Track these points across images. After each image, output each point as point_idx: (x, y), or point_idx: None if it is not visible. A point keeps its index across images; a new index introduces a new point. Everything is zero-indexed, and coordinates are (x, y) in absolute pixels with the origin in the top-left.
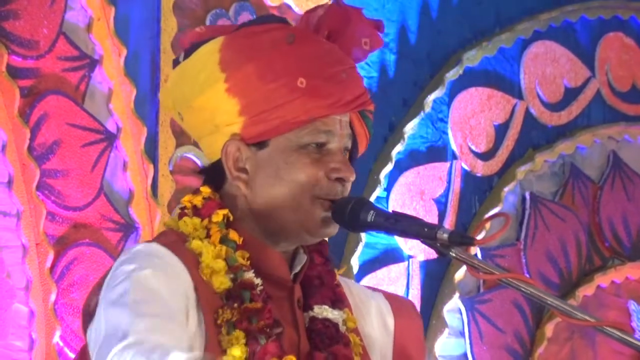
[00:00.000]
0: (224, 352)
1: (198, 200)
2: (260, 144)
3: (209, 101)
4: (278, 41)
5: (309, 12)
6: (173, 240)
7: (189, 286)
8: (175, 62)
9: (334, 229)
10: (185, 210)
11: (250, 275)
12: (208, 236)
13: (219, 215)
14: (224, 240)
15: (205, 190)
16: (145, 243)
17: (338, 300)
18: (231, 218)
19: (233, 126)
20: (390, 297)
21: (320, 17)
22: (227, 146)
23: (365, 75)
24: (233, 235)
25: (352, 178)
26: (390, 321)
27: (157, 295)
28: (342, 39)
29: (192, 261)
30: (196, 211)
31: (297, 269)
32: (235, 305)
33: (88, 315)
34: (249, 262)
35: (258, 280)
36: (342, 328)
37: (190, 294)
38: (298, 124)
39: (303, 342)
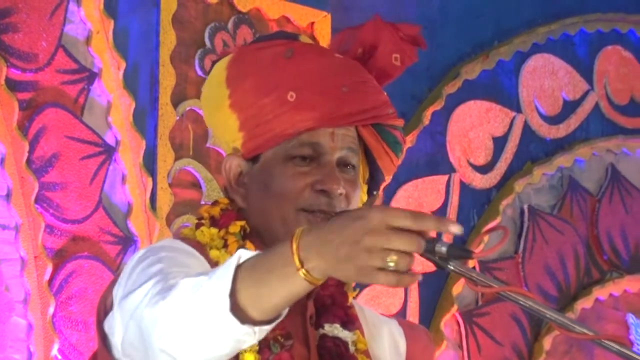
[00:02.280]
0: (237, 358)
1: (216, 211)
2: (255, 159)
3: (220, 118)
4: (276, 56)
5: (346, 31)
6: (193, 244)
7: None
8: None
9: None
10: (203, 221)
11: None
12: (225, 246)
13: (236, 226)
14: None
15: (224, 201)
16: (168, 238)
17: (349, 322)
18: (248, 230)
19: (235, 142)
20: (403, 323)
21: (355, 34)
22: (226, 162)
23: None
24: (250, 246)
25: (339, 190)
26: (403, 345)
27: (178, 259)
28: (374, 56)
29: (212, 265)
30: (214, 222)
31: None
32: None
33: (104, 310)
34: None
35: None
36: (352, 348)
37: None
38: (285, 137)
39: (313, 359)
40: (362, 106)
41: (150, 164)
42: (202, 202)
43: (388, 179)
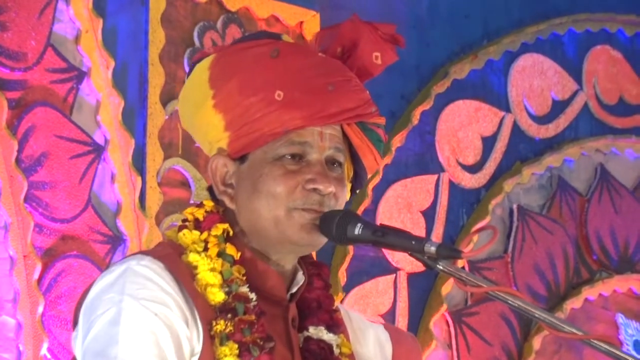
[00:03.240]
0: None
1: (200, 214)
2: (242, 158)
3: (202, 118)
4: (262, 56)
5: (324, 31)
6: (168, 253)
7: (181, 301)
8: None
9: (317, 236)
10: (187, 223)
11: (244, 289)
12: (206, 249)
13: (218, 229)
14: (221, 254)
15: (209, 203)
16: (139, 256)
17: (334, 325)
18: (231, 233)
19: (221, 142)
20: (390, 328)
21: (333, 34)
22: (212, 162)
23: None
24: (230, 249)
25: (330, 189)
26: (389, 349)
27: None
28: (354, 55)
29: (187, 274)
30: (197, 224)
31: (294, 289)
32: (229, 316)
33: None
34: (244, 278)
35: (252, 295)
36: (336, 351)
37: (184, 307)
38: (273, 136)
39: None
40: (348, 104)
41: (139, 163)
42: (191, 201)
43: (370, 177)
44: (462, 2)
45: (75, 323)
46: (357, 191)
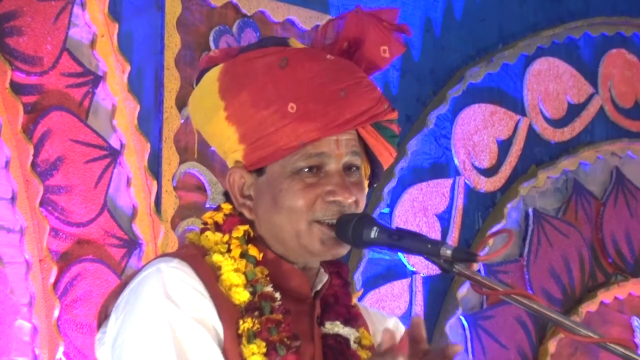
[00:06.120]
0: None
1: (219, 217)
2: (259, 171)
3: (215, 128)
4: (271, 66)
5: (328, 24)
6: (192, 254)
7: (209, 301)
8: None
9: (339, 248)
10: (207, 226)
11: (269, 289)
12: (229, 251)
13: (239, 231)
14: (244, 255)
15: (227, 207)
16: (166, 258)
17: (352, 319)
18: (252, 234)
19: (236, 153)
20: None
21: (338, 28)
22: (230, 174)
23: None
24: (253, 250)
25: (351, 199)
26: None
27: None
28: (361, 49)
29: (211, 275)
30: (217, 227)
31: (318, 287)
32: (256, 314)
33: (104, 317)
34: (268, 278)
35: (277, 295)
36: (354, 345)
37: (212, 307)
38: (290, 150)
39: (317, 357)
40: (361, 108)
41: (155, 167)
42: (207, 205)
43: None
44: (478, 6)
45: (99, 325)
46: (374, 186)
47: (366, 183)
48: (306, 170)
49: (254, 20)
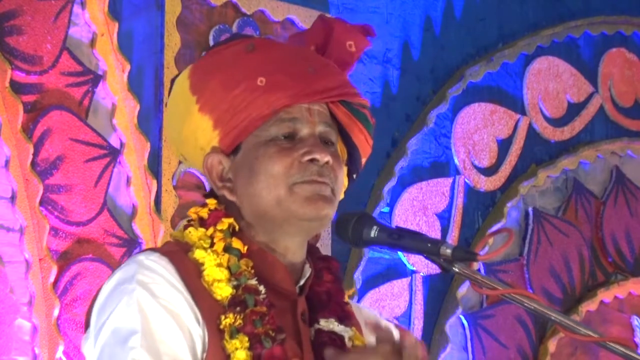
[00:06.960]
0: (228, 357)
1: (204, 212)
2: (235, 150)
3: (190, 127)
4: (238, 52)
5: (296, 34)
6: (173, 250)
7: (187, 296)
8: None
9: (323, 207)
10: (191, 222)
11: (253, 281)
12: (212, 245)
13: (224, 224)
14: (227, 248)
15: (211, 202)
16: (147, 252)
17: (345, 317)
18: (236, 228)
19: (212, 142)
20: (399, 327)
21: (305, 34)
22: (206, 160)
23: (368, 90)
24: (237, 243)
25: (327, 158)
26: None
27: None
28: (329, 49)
29: (193, 271)
30: (202, 222)
31: (302, 281)
32: (239, 309)
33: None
34: (252, 271)
35: (262, 288)
36: (348, 343)
37: (191, 303)
38: (262, 118)
39: (307, 355)
40: (333, 84)
41: (155, 166)
42: None
43: (364, 161)
44: (478, 5)
45: (87, 326)
46: (355, 176)
47: (345, 169)
48: (281, 137)
49: (253, 20)
